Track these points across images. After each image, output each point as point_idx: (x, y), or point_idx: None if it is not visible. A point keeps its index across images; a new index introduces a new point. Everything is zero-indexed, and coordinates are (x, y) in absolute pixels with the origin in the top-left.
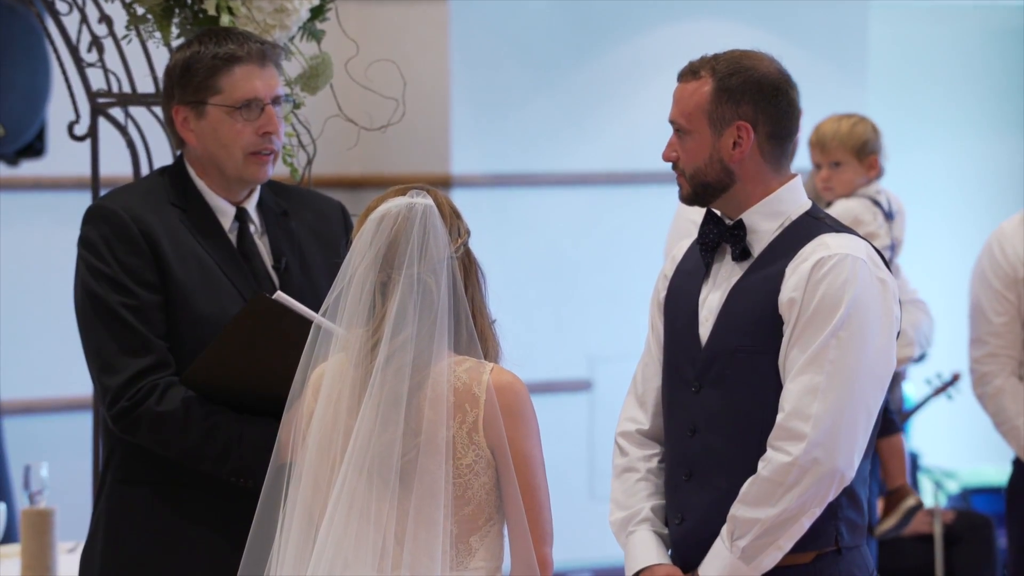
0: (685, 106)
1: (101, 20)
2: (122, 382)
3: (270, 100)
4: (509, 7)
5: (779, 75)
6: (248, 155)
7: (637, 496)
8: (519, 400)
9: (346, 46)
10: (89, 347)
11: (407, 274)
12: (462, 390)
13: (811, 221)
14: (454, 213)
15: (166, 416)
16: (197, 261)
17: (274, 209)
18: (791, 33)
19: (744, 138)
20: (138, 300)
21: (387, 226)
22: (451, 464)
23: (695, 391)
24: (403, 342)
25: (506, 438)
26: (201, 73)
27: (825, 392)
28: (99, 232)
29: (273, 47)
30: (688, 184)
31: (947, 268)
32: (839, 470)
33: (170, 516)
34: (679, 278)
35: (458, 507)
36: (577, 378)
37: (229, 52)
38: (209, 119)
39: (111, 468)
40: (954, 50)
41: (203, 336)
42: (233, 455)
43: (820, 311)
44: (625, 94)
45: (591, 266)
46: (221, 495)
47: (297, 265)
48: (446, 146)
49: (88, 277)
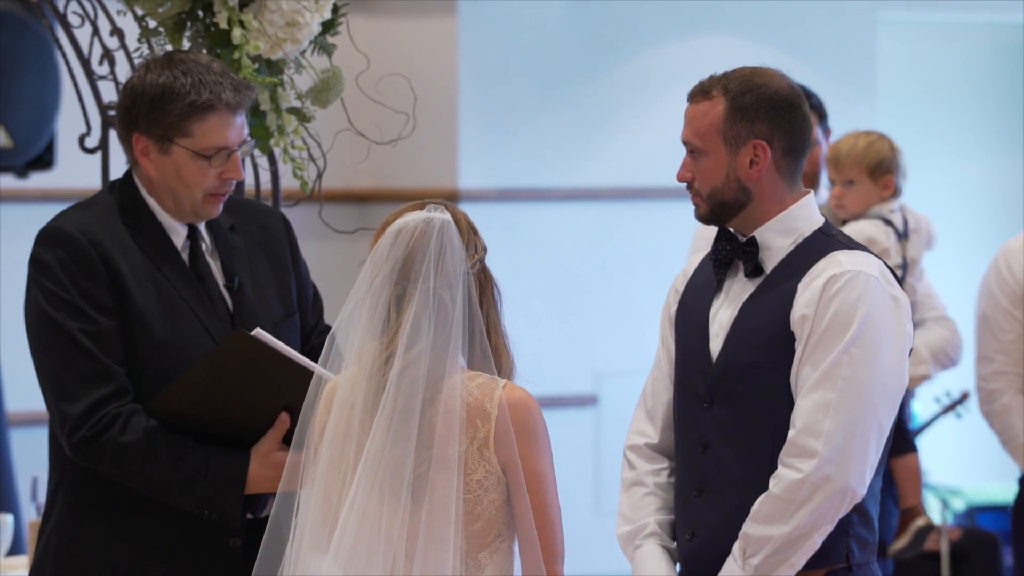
0: (698, 127)
1: (113, 33)
2: (82, 411)
3: (236, 147)
4: (518, 22)
5: (791, 90)
6: (207, 195)
7: (644, 510)
8: (531, 417)
9: (357, 60)
10: (44, 372)
11: (423, 288)
12: (474, 405)
13: (824, 238)
14: (471, 229)
15: (130, 446)
16: (154, 285)
17: (222, 224)
18: (798, 49)
19: (761, 156)
20: (96, 326)
21: (404, 239)
22: (462, 479)
23: (706, 406)
24: (417, 355)
25: (518, 455)
26: (174, 115)
27: (837, 409)
28: (55, 256)
29: (247, 89)
30: (705, 204)
31: (954, 285)
32: (850, 487)
33: (126, 548)
34: (691, 292)
35: (467, 523)
36: (583, 393)
37: (207, 102)
38: (173, 158)
39: (62, 490)
40: (963, 67)
41: (162, 362)
42: (199, 486)
43: (832, 328)
44: (633, 109)
45: (598, 281)
46: (180, 525)
47: (249, 282)
48: (453, 160)
49: (43, 302)
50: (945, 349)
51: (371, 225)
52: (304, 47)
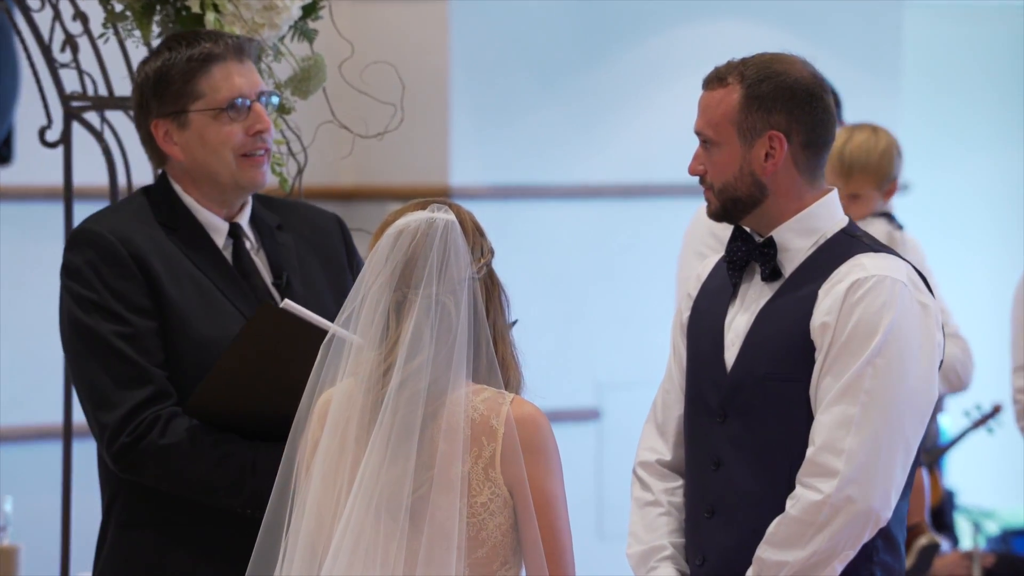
0: (712, 116)
1: (75, 17)
2: (120, 417)
3: (255, 97)
4: (514, 7)
5: (813, 80)
6: (240, 158)
7: (659, 531)
8: (541, 434)
9: (340, 47)
10: (81, 384)
11: (424, 294)
12: (479, 422)
13: (847, 239)
14: (477, 230)
15: (172, 448)
16: (193, 282)
17: (268, 222)
18: (818, 34)
19: (777, 149)
20: (132, 327)
21: (405, 242)
22: (465, 502)
23: (720, 421)
24: (418, 367)
25: (526, 476)
26: (177, 80)
27: (860, 425)
28: (84, 257)
29: (248, 40)
30: (717, 199)
31: (988, 291)
32: (874, 510)
33: (181, 558)
34: (704, 298)
35: (471, 549)
36: (584, 407)
37: (204, 52)
38: (193, 127)
39: (113, 514)
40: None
41: (205, 361)
42: (248, 484)
43: (855, 337)
44: (638, 100)
45: (600, 286)
46: (234, 531)
47: (299, 281)
48: (445, 155)
49: (75, 307)
50: (955, 367)
51: (355, 225)
52: (283, 33)
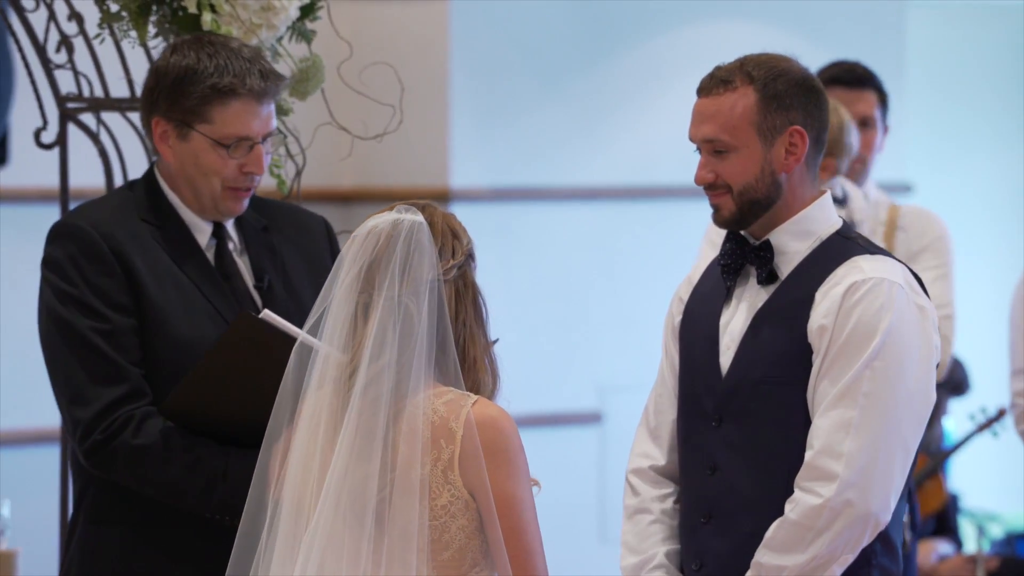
0: (726, 120)
1: (71, 18)
2: (94, 414)
3: (260, 139)
4: (514, 7)
5: (812, 76)
6: (226, 189)
7: (650, 540)
8: (502, 436)
9: (339, 48)
10: (57, 377)
11: (388, 296)
12: (439, 424)
13: (843, 241)
14: (450, 232)
15: (144, 449)
16: (174, 281)
17: (254, 224)
18: (821, 34)
19: (798, 143)
20: (110, 324)
21: (370, 244)
22: (427, 505)
23: (715, 425)
24: (381, 369)
25: (487, 478)
26: (195, 97)
27: (859, 428)
28: (65, 251)
29: (276, 77)
30: (735, 203)
31: (989, 292)
32: (873, 513)
33: (149, 558)
34: (696, 301)
35: (437, 551)
36: (586, 410)
37: (230, 86)
38: (192, 144)
39: (83, 508)
40: (993, 55)
41: (182, 362)
42: (218, 490)
43: (853, 340)
44: (640, 101)
45: (602, 288)
46: (203, 535)
47: (281, 284)
48: (444, 157)
49: (54, 300)
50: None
51: (354, 227)
52: (281, 33)
